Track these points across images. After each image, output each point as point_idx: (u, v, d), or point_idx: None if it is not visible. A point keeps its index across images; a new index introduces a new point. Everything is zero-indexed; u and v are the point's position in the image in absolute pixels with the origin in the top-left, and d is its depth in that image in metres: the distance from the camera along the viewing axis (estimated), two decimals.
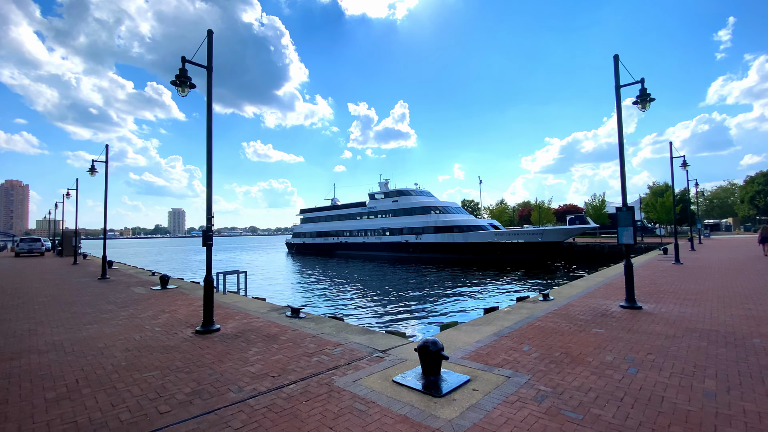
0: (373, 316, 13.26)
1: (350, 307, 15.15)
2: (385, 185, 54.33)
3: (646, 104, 7.70)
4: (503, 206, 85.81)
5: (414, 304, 15.05)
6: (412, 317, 13.13)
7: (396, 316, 13.34)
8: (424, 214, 45.78)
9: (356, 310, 14.62)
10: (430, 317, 12.93)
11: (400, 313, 13.68)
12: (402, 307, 14.73)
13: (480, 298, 16.88)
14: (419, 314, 13.30)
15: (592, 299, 8.72)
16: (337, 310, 14.60)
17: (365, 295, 18.40)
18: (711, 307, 7.47)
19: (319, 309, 14.83)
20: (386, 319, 12.79)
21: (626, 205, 7.80)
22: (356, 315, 13.61)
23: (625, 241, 7.77)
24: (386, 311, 14.12)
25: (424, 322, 12.16)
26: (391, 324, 11.94)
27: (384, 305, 15.20)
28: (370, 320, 12.74)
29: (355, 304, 15.87)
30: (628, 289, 7.67)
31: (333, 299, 17.18)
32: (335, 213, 59.26)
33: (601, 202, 60.57)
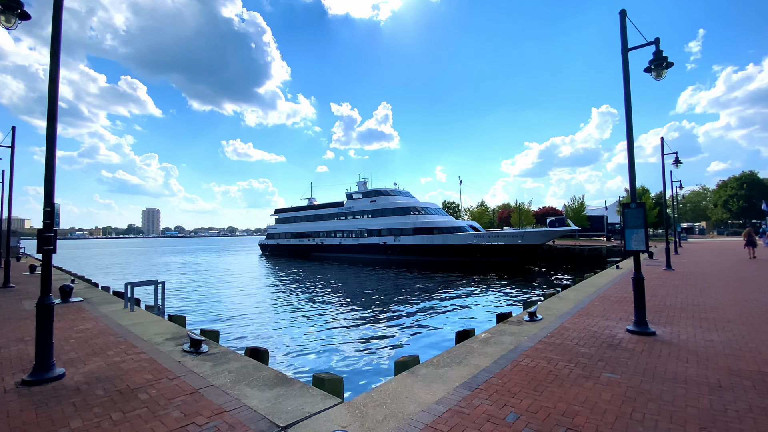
0: (318, 342, 10.63)
1: (296, 327, 12.34)
2: (363, 185, 52.34)
3: (662, 71, 6.03)
4: (483, 208, 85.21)
5: (377, 323, 12.48)
6: (369, 344, 10.31)
7: (349, 340, 10.77)
8: (403, 214, 44.05)
9: (302, 330, 11.92)
10: (389, 344, 10.24)
11: (357, 336, 11.20)
12: (362, 326, 12.30)
13: (455, 310, 15.09)
14: (378, 339, 10.80)
15: (590, 319, 7.00)
16: (274, 332, 11.78)
17: (325, 308, 16.34)
18: (740, 332, 5.84)
19: (251, 331, 11.96)
20: (333, 345, 10.32)
21: (636, 199, 6.10)
22: (296, 340, 10.92)
23: (634, 247, 6.06)
24: (339, 333, 11.40)
25: (380, 353, 9.62)
26: (334, 356, 9.43)
27: (341, 323, 12.85)
28: (310, 349, 10.00)
29: (306, 321, 13.05)
30: (638, 308, 5.97)
31: (281, 314, 14.30)
32: (311, 213, 56.84)
33: (580, 204, 60.40)
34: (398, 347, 9.87)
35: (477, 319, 12.69)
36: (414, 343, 10.11)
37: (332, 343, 10.55)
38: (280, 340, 11.02)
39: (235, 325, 12.82)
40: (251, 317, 14.08)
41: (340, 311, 14.93)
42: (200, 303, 17.06)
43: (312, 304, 16.64)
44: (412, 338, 10.64)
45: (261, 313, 14.85)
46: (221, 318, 13.92)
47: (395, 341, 10.41)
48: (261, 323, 13.03)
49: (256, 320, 13.48)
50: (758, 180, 59.25)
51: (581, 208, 59.23)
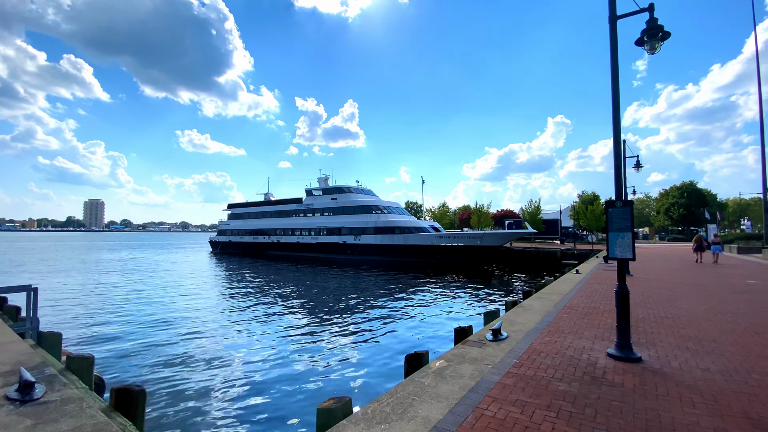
0: (237, 371, 8.27)
1: (204, 350, 9.75)
2: (324, 181, 50.34)
3: (656, 43, 5.04)
4: (445, 209, 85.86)
5: (323, 339, 10.66)
6: (289, 379, 7.87)
7: (263, 370, 8.27)
8: (364, 213, 42.64)
9: (209, 355, 9.61)
10: (326, 372, 8.12)
11: (292, 359, 8.99)
12: (291, 348, 9.78)
13: (411, 319, 13.91)
14: (317, 362, 8.79)
15: (562, 337, 5.95)
16: (190, 355, 9.41)
17: (255, 317, 14.60)
18: (734, 357, 4.97)
19: (162, 355, 9.43)
20: (253, 376, 7.95)
21: (623, 197, 5.08)
22: (190, 372, 8.21)
23: (619, 255, 5.03)
24: (273, 354, 9.32)
25: (312, 384, 7.52)
26: (250, 398, 6.97)
27: (267, 342, 10.76)
28: (206, 388, 7.36)
29: (219, 342, 10.68)
30: (622, 329, 4.94)
31: (189, 332, 11.55)
32: (267, 209, 53.94)
33: (536, 208, 62.12)
34: (336, 374, 8.13)
35: (434, 332, 11.47)
36: (357, 367, 8.45)
37: (254, 370, 8.84)
38: (190, 367, 9.20)
39: (146, 343, 10.72)
40: (173, 332, 12.03)
41: (284, 322, 13.24)
42: (114, 313, 14.61)
43: (254, 314, 14.80)
44: (357, 360, 8.97)
45: (168, 329, 12.82)
46: (132, 334, 11.71)
47: (334, 368, 8.54)
48: (180, 342, 11.04)
49: (175, 338, 11.43)
50: (697, 190, 63.82)
51: (537, 212, 60.90)
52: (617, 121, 5.26)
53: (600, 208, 59.15)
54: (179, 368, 8.48)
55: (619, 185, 5.07)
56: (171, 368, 8.47)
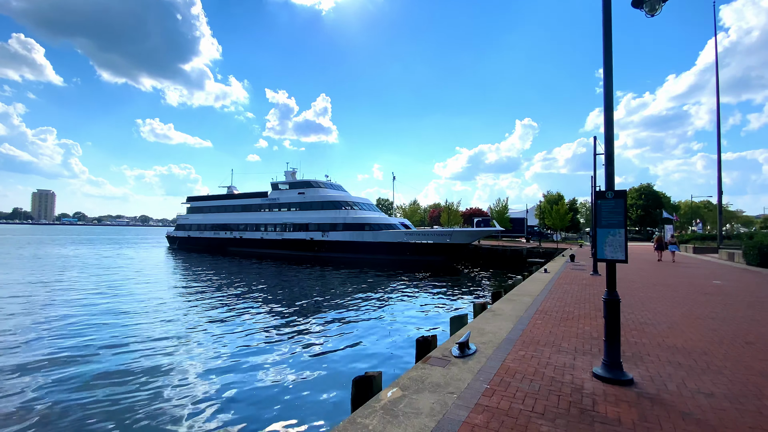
0: (157, 390, 6.90)
1: (138, 361, 8.85)
2: (291, 175, 48.34)
3: (657, 4, 4.23)
4: (416, 206, 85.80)
5: (272, 352, 9.11)
6: (232, 399, 6.62)
7: (182, 403, 6.52)
8: (333, 209, 41.20)
9: (142, 366, 8.50)
10: (257, 403, 6.54)
11: (223, 382, 7.37)
12: (223, 375, 7.82)
13: (372, 322, 12.92)
14: (253, 388, 7.13)
15: (538, 351, 5.11)
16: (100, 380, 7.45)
17: (206, 320, 13.19)
18: (734, 376, 4.28)
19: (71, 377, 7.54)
20: (168, 411, 6.24)
21: (612, 187, 4.26)
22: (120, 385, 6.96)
23: (609, 256, 4.21)
24: (204, 380, 7.55)
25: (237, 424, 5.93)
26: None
27: (211, 353, 9.62)
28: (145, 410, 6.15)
29: (158, 351, 9.62)
30: (611, 344, 4.12)
31: (118, 343, 9.76)
32: (230, 203, 51.28)
33: (503, 207, 63.04)
34: (270, 408, 6.79)
35: (396, 339, 10.44)
36: (304, 389, 7.20)
37: (200, 384, 7.56)
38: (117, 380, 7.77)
39: (54, 358, 9.11)
40: (94, 346, 10.41)
41: (237, 328, 11.87)
42: (28, 324, 12.68)
43: (206, 317, 13.31)
44: (306, 378, 7.64)
45: (125, 335, 11.21)
46: (39, 344, 10.01)
47: (269, 396, 7.26)
48: (105, 354, 9.49)
49: (92, 353, 9.85)
50: (654, 192, 66.92)
51: (505, 211, 61.79)
52: (609, 100, 4.44)
53: (564, 208, 60.69)
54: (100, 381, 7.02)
55: (610, 171, 4.25)
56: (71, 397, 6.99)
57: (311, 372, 7.90)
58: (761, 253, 16.79)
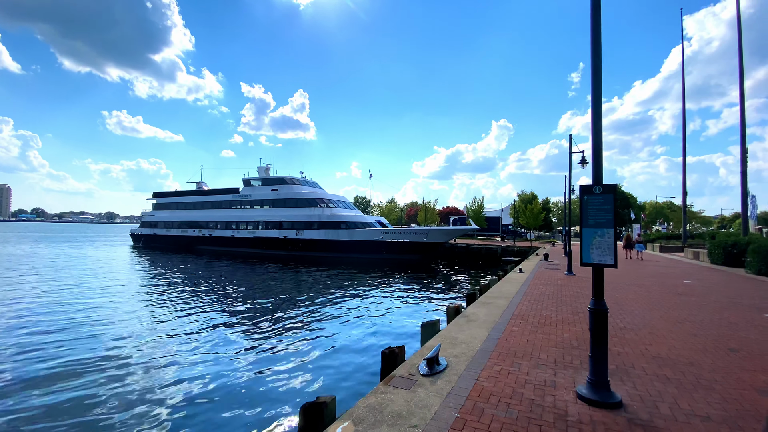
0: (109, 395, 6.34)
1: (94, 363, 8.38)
2: (265, 170, 46.72)
3: None
4: (393, 204, 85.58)
5: (230, 371, 7.85)
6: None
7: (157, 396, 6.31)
8: (308, 206, 40.05)
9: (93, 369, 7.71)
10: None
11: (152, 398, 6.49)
12: (196, 386, 6.95)
13: (342, 326, 12.25)
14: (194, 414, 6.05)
15: (515, 365, 4.58)
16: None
17: (166, 323, 12.17)
18: (725, 389, 3.87)
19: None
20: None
21: (600, 181, 3.76)
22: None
23: (597, 260, 3.70)
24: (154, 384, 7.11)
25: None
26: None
27: (167, 360, 9.00)
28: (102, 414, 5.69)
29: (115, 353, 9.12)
30: (597, 361, 3.62)
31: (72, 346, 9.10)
32: (199, 200, 49.11)
33: (479, 206, 63.66)
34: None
35: (361, 349, 9.58)
36: (242, 411, 6.39)
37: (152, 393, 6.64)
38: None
39: None
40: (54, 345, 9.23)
41: (192, 333, 10.89)
42: None
43: (167, 321, 12.22)
44: (249, 398, 6.93)
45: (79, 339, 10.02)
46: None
47: (223, 410, 6.68)
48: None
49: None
50: (621, 192, 69.19)
51: (480, 210, 62.39)
52: (597, 90, 3.93)
53: (538, 208, 61.90)
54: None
55: (598, 164, 3.74)
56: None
57: (262, 387, 7.12)
58: (725, 253, 17.21)
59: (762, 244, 13.94)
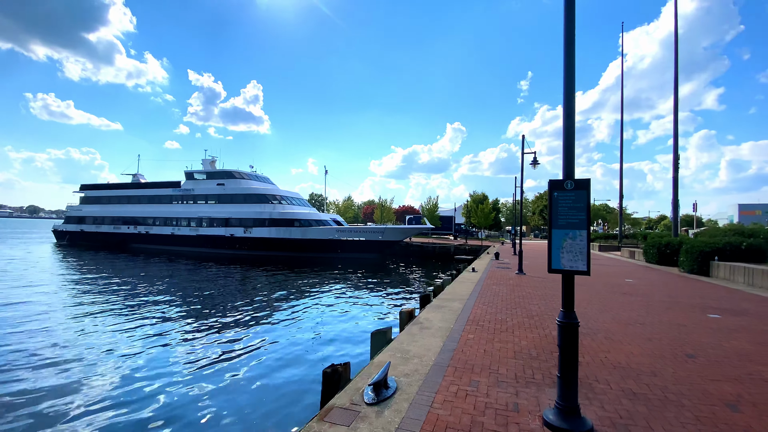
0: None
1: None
2: (210, 163, 43.80)
3: None
4: (350, 202, 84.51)
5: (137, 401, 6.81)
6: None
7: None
8: (258, 202, 37.93)
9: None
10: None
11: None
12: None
13: (282, 336, 11.30)
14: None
15: (473, 384, 4.03)
16: None
17: (91, 331, 10.59)
18: (694, 405, 3.57)
19: None
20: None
21: (572, 175, 3.27)
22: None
23: (567, 266, 3.21)
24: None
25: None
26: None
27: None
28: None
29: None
30: (566, 382, 3.13)
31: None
32: (135, 193, 44.99)
33: (434, 205, 64.62)
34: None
35: (303, 364, 8.57)
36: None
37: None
38: None
39: None
40: None
41: (112, 348, 9.39)
42: None
43: (93, 328, 10.49)
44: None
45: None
46: None
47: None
48: None
49: None
50: None
51: (435, 209, 63.35)
52: (570, 72, 3.46)
53: (488, 208, 64.01)
54: None
55: (569, 157, 3.26)
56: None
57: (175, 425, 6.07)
58: (659, 252, 18.37)
59: (693, 245, 14.92)
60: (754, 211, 69.89)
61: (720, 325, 6.64)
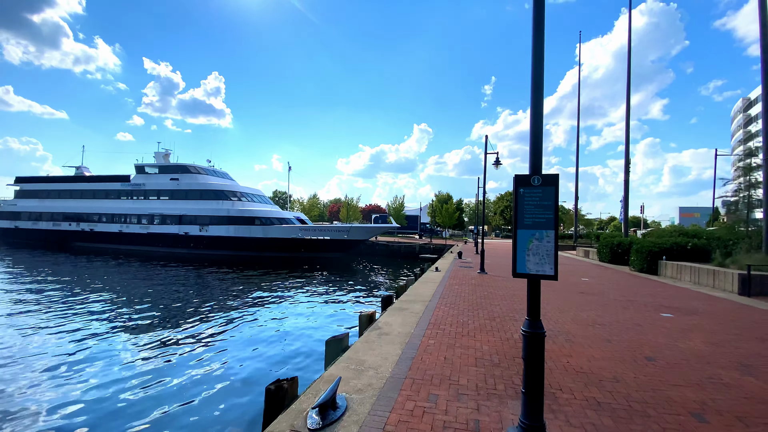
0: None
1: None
2: (164, 157, 41.13)
3: None
4: (315, 200, 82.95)
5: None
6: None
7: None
8: (216, 199, 36.03)
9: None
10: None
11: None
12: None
13: (228, 345, 10.56)
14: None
15: (431, 398, 3.67)
16: None
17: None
18: (660, 414, 3.41)
19: None
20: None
21: (539, 170, 2.97)
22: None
23: (534, 271, 2.91)
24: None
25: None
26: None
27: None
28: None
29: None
30: (531, 401, 2.83)
31: None
32: (78, 187, 41.48)
33: (400, 204, 64.84)
34: None
35: (247, 381, 7.73)
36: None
37: None
38: None
39: None
40: None
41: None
42: None
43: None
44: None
45: None
46: None
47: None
48: None
49: None
50: None
51: (401, 208, 63.59)
52: (539, 52, 3.16)
53: (452, 207, 65.17)
54: None
55: (536, 150, 2.96)
56: None
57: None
58: (612, 252, 19.19)
59: (643, 245, 15.64)
60: (693, 214, 75.92)
61: (674, 325, 6.76)
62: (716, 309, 8.35)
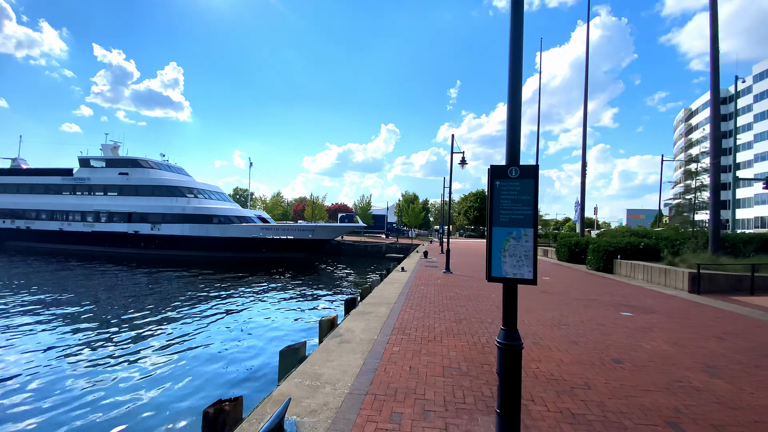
0: None
1: None
2: (112, 149, 38.12)
3: None
4: (279, 198, 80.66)
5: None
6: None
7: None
8: (170, 196, 33.81)
9: None
10: None
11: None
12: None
13: (164, 368, 9.70)
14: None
15: (395, 416, 3.27)
16: None
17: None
18: (636, 426, 3.21)
19: None
20: None
21: (517, 161, 2.63)
22: None
23: (511, 274, 2.57)
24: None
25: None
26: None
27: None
28: None
29: None
30: (507, 421, 2.50)
31: None
32: (13, 181, 37.62)
33: (367, 204, 64.47)
34: None
35: (187, 399, 6.89)
36: None
37: None
38: None
39: None
40: None
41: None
42: None
43: None
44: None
45: None
46: None
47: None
48: None
49: None
50: (483, 194, 78.37)
51: (368, 208, 63.24)
52: (518, 34, 2.84)
53: (418, 207, 65.67)
54: None
55: (514, 140, 2.64)
56: None
57: None
58: (570, 251, 19.82)
59: (599, 244, 16.21)
60: (639, 216, 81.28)
61: (635, 324, 6.81)
62: (671, 307, 8.61)
